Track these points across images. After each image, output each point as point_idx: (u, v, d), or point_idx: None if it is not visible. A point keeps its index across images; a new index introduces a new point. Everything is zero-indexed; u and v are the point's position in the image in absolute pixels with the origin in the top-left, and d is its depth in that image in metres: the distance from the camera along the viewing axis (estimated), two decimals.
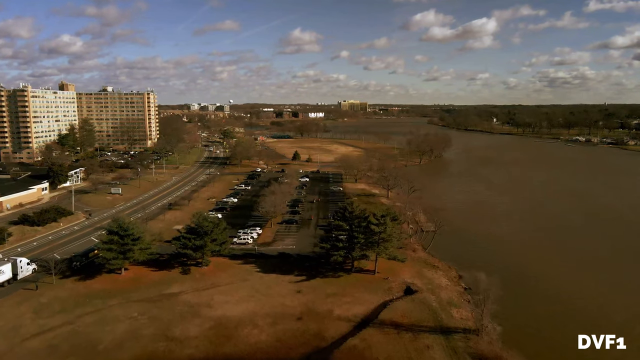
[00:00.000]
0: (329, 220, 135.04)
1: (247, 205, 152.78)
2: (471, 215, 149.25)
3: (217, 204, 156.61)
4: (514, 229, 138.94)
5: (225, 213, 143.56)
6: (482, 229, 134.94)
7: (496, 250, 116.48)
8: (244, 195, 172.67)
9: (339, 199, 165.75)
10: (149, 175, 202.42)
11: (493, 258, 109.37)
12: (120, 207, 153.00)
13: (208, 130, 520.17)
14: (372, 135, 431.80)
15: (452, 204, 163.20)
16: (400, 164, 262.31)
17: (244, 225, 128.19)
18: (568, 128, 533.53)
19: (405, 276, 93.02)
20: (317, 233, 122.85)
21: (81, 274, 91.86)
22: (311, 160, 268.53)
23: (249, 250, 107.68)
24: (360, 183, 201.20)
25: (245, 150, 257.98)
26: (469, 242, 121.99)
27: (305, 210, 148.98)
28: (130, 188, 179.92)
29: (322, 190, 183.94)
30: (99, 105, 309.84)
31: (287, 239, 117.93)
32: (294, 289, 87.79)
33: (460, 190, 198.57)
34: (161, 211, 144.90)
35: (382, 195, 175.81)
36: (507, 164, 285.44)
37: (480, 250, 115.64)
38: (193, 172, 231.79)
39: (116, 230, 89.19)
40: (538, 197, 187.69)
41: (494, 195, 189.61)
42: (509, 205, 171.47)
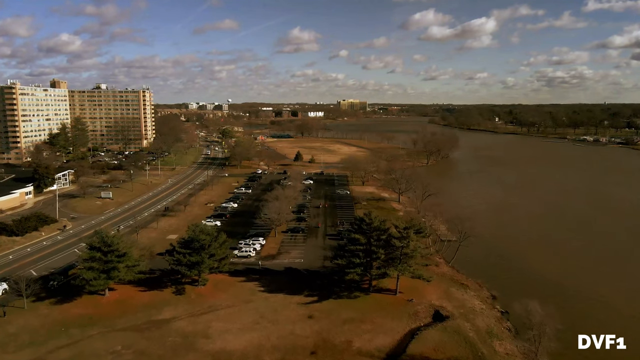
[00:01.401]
0: (338, 228, 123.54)
1: (249, 211, 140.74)
2: (493, 221, 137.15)
3: (215, 209, 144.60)
4: (542, 235, 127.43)
5: (224, 220, 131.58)
6: (506, 236, 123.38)
7: (527, 260, 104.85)
8: (245, 199, 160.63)
9: (346, 204, 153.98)
10: (143, 178, 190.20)
11: (526, 271, 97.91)
12: (110, 212, 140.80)
13: (206, 130, 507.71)
14: (375, 134, 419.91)
15: (469, 208, 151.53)
16: (407, 164, 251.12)
17: (246, 235, 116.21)
18: (574, 127, 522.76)
19: (431, 297, 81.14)
20: (327, 244, 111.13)
21: (58, 295, 79.68)
22: (314, 161, 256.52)
23: (252, 265, 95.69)
24: (367, 186, 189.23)
25: (245, 151, 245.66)
26: (495, 252, 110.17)
27: (312, 216, 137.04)
28: (122, 191, 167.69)
29: (328, 194, 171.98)
30: (92, 103, 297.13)
31: (293, 250, 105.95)
32: (304, 313, 75.89)
33: (475, 193, 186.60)
34: (154, 218, 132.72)
35: (392, 199, 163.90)
36: (518, 164, 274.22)
37: (510, 262, 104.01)
38: (190, 173, 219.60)
39: (98, 246, 77.01)
40: (560, 199, 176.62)
41: (513, 197, 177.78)
42: (531, 208, 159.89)
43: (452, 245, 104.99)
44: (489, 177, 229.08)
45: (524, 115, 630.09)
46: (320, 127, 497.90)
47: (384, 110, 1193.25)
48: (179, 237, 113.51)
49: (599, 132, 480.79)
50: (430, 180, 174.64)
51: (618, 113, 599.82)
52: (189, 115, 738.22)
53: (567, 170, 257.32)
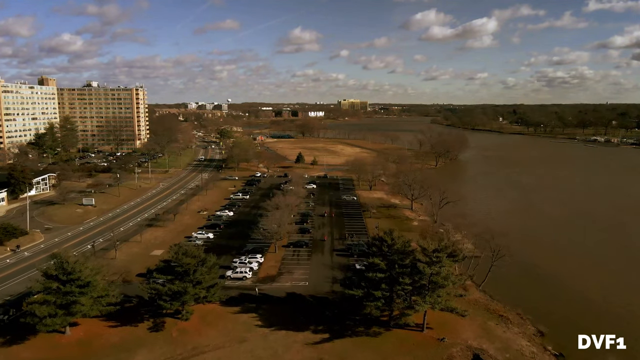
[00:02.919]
0: (346, 242, 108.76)
1: (246, 221, 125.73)
2: (518, 229, 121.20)
3: (208, 218, 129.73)
4: (575, 243, 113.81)
5: (218, 232, 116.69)
6: (536, 246, 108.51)
7: (566, 278, 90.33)
8: (242, 206, 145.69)
9: (354, 212, 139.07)
10: (132, 182, 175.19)
11: (569, 293, 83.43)
12: (91, 222, 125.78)
13: (204, 130, 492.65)
14: (378, 134, 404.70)
15: (489, 216, 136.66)
16: (415, 166, 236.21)
17: (241, 250, 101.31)
18: (582, 127, 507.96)
19: (467, 335, 66.22)
20: (334, 261, 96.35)
21: (8, 333, 64.69)
22: (317, 163, 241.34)
23: (248, 289, 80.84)
24: (376, 190, 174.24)
25: (243, 152, 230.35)
26: (528, 268, 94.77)
27: (316, 227, 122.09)
28: (108, 197, 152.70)
29: (333, 200, 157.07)
30: (82, 102, 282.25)
31: (296, 270, 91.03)
32: (312, 356, 61.04)
33: (494, 197, 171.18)
34: (139, 229, 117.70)
35: (404, 206, 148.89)
36: (532, 165, 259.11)
37: (549, 282, 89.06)
38: (184, 176, 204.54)
39: (55, 274, 62.00)
40: (586, 202, 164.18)
41: (536, 201, 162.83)
42: (556, 212, 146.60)
43: (479, 262, 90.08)
44: (504, 180, 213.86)
45: (530, 115, 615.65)
46: (322, 127, 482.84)
47: (385, 110, 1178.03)
48: (166, 252, 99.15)
49: (608, 133, 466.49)
50: (442, 184, 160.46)
51: (626, 113, 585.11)
52: (188, 115, 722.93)
53: (585, 171, 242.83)
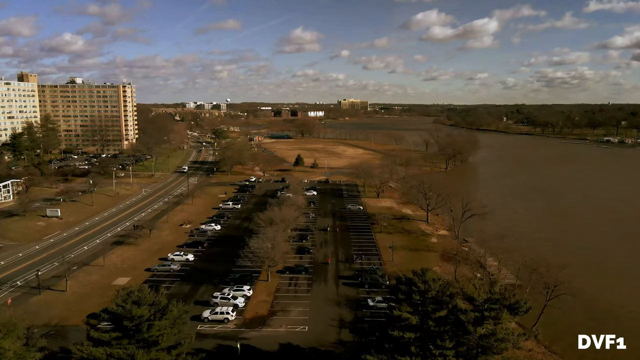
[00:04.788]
0: (354, 265, 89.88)
1: (235, 237, 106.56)
2: (558, 244, 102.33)
3: (191, 234, 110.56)
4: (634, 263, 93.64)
5: (200, 252, 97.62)
6: (599, 278, 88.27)
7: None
8: (232, 218, 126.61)
9: (361, 225, 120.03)
10: (110, 187, 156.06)
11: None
12: (52, 239, 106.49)
13: (200, 130, 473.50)
14: (381, 135, 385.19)
15: (521, 229, 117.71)
16: (424, 170, 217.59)
17: (225, 278, 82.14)
18: (592, 128, 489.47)
19: None
20: (341, 293, 77.37)
21: None
22: (317, 165, 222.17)
23: (229, 338, 61.84)
24: (384, 198, 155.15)
25: (237, 154, 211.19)
26: (592, 306, 75.15)
27: (318, 245, 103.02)
28: (79, 207, 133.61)
29: (337, 209, 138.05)
30: (65, 99, 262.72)
31: (293, 306, 71.92)
32: None
33: (520, 205, 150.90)
34: (106, 247, 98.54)
35: (418, 217, 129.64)
36: (548, 168, 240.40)
37: (620, 323, 69.67)
38: (171, 181, 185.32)
39: None
40: (626, 209, 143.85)
41: (570, 211, 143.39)
42: (597, 221, 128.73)
43: (518, 291, 70.83)
44: (525, 184, 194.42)
45: (537, 115, 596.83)
46: (322, 127, 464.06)
47: (386, 110, 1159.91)
48: (133, 280, 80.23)
49: (620, 133, 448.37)
50: (463, 192, 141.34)
51: (636, 113, 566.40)
52: (185, 115, 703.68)
53: (608, 174, 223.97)
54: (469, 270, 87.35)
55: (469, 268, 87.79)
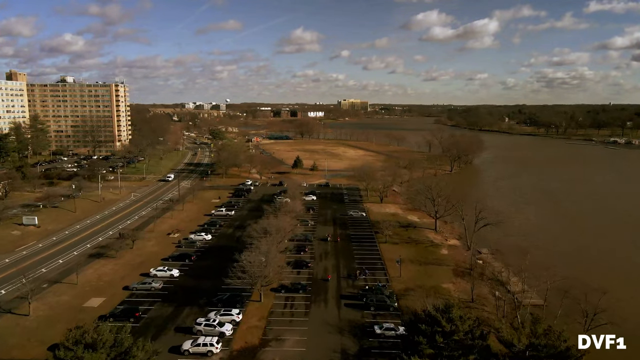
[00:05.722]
0: (357, 281, 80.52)
1: (226, 248, 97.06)
2: (599, 271, 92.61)
3: (178, 244, 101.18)
4: None
5: (187, 265, 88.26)
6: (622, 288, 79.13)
7: None
8: (224, 226, 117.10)
9: (365, 235, 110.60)
10: (97, 192, 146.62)
11: None
12: (24, 250, 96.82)
13: (198, 130, 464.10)
14: (382, 135, 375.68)
15: (540, 239, 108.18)
16: (428, 172, 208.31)
17: (213, 299, 72.64)
18: (597, 128, 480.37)
19: None
20: (343, 317, 68.08)
21: None
22: (317, 168, 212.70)
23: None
24: (388, 203, 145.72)
25: (232, 156, 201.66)
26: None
27: (317, 257, 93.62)
28: (60, 214, 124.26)
29: (338, 215, 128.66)
30: (56, 99, 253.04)
31: (289, 334, 62.47)
32: None
33: (533, 212, 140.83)
34: (83, 261, 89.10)
35: (425, 225, 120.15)
36: (557, 170, 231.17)
37: None
38: (163, 184, 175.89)
39: None
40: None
41: (592, 219, 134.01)
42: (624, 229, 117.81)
43: (541, 312, 61.55)
44: (535, 188, 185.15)
45: (539, 115, 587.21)
46: (321, 127, 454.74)
47: (386, 110, 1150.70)
48: (109, 300, 71.02)
49: (625, 134, 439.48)
50: (465, 194, 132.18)
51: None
52: (183, 115, 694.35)
53: (624, 178, 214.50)
54: (487, 287, 78.28)
55: (487, 285, 78.74)
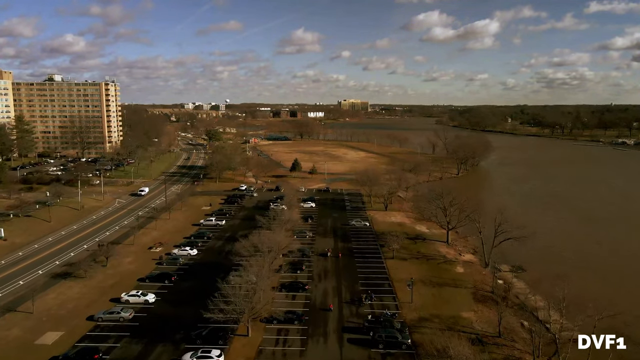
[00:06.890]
0: (362, 308, 69.00)
1: (213, 266, 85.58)
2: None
3: (159, 261, 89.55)
4: None
5: (166, 287, 76.69)
6: None
7: None
8: (213, 238, 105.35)
9: (369, 249, 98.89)
10: (76, 198, 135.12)
11: None
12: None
13: (195, 131, 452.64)
14: (384, 136, 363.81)
15: (565, 256, 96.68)
16: (434, 175, 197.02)
17: (190, 333, 61.01)
18: (604, 129, 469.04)
19: None
20: (347, 356, 56.51)
21: None
22: (316, 171, 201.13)
23: None
24: (393, 211, 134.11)
25: (227, 159, 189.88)
26: None
27: (316, 277, 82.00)
28: (33, 224, 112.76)
29: (339, 225, 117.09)
30: (42, 98, 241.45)
31: None
32: None
33: (552, 221, 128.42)
34: (46, 283, 77.59)
35: (436, 237, 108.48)
36: (569, 173, 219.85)
37: None
38: (152, 189, 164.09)
39: None
40: None
41: (617, 232, 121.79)
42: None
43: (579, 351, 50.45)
44: (548, 193, 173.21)
45: (544, 115, 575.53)
46: (321, 128, 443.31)
47: (387, 110, 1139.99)
48: (67, 334, 59.59)
49: (633, 134, 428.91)
50: (478, 201, 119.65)
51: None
52: (182, 116, 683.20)
53: None
54: (513, 316, 66.81)
55: (513, 313, 67.27)
